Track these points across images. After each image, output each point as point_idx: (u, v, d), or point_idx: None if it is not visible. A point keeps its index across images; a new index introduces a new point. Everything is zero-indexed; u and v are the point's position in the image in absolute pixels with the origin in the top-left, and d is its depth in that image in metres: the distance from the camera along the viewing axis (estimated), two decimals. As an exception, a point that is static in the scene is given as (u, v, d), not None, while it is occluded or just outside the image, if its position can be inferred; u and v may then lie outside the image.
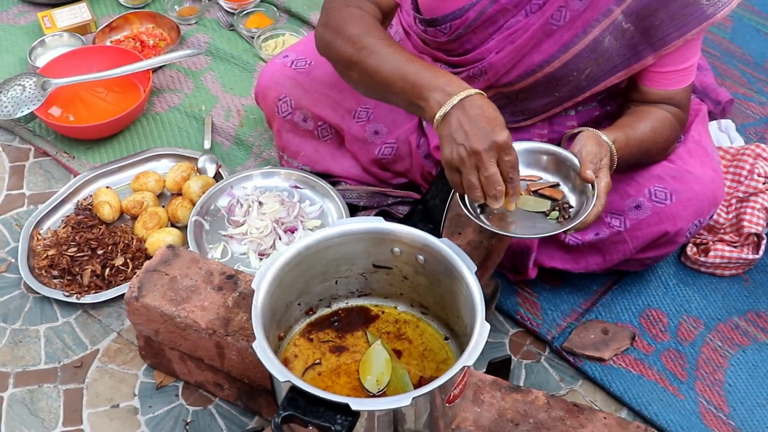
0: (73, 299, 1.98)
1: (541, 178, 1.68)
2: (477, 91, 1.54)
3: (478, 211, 1.63)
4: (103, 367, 1.91)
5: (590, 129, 1.68)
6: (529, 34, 1.73)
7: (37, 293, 2.01)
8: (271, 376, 1.43)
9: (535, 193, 1.66)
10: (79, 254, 2.04)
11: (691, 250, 2.11)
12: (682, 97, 1.81)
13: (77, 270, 2.02)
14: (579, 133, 1.70)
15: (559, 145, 1.74)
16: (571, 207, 1.62)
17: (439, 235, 1.56)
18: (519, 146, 1.68)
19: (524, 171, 1.67)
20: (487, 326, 1.40)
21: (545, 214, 1.63)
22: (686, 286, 2.09)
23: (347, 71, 1.70)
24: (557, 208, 1.62)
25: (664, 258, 2.03)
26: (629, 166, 1.80)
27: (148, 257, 2.03)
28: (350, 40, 1.66)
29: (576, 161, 1.63)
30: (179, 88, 2.53)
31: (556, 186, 1.67)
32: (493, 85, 1.82)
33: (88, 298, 1.99)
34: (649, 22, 1.69)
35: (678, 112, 1.81)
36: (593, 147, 1.63)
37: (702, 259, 2.09)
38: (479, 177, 1.51)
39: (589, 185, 1.61)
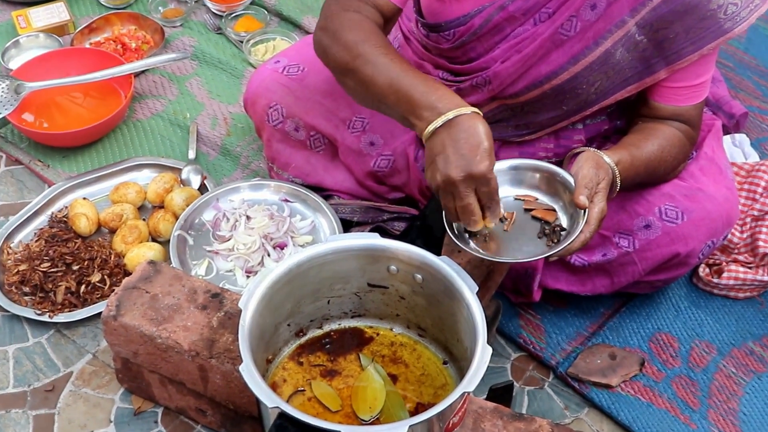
0: (45, 318, 1.97)
1: (537, 199, 1.69)
2: (472, 110, 1.54)
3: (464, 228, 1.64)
4: (76, 392, 1.90)
5: (592, 150, 1.69)
6: (537, 43, 1.74)
7: (7, 311, 2.00)
8: (258, 402, 1.43)
9: (528, 212, 1.68)
10: (52, 270, 2.03)
11: (703, 271, 2.12)
12: (693, 114, 1.81)
13: (50, 287, 2.01)
14: (581, 152, 1.71)
15: (561, 163, 1.75)
16: (563, 230, 1.63)
17: (438, 253, 1.57)
18: (516, 163, 1.71)
19: (520, 191, 1.70)
20: (489, 350, 1.41)
21: (537, 237, 1.64)
22: (698, 308, 2.09)
23: (343, 78, 1.72)
24: (547, 232, 1.63)
25: (675, 280, 2.04)
26: (635, 185, 1.81)
27: (127, 274, 2.02)
28: (346, 47, 1.67)
29: (573, 183, 1.64)
30: (163, 94, 2.53)
31: (551, 209, 1.68)
32: (497, 96, 1.83)
33: (62, 317, 1.98)
34: (664, 34, 1.70)
35: (688, 130, 1.82)
36: (590, 170, 1.63)
37: (715, 280, 2.09)
38: (455, 205, 1.54)
39: (582, 210, 1.61)
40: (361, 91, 1.68)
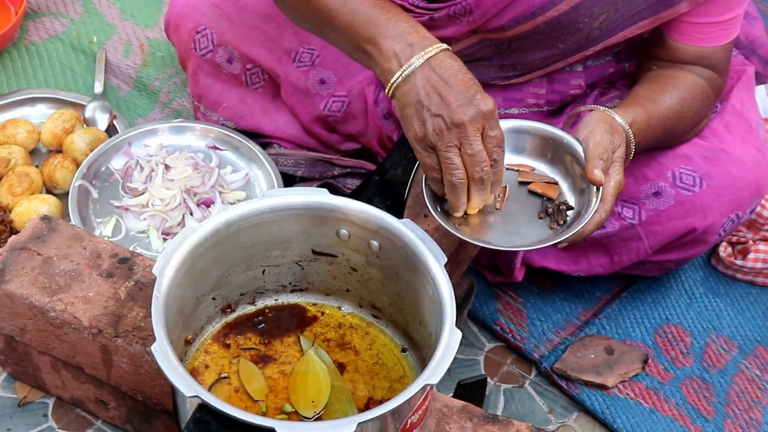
0: None
1: (534, 170, 1.72)
2: (444, 46, 1.57)
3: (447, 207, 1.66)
4: (-53, 377, 1.91)
5: (602, 109, 1.70)
6: (530, -35, 1.74)
7: None
8: (173, 391, 1.45)
9: (524, 186, 1.70)
10: None
11: (725, 250, 2.16)
12: (720, 57, 1.84)
13: None
14: (586, 113, 1.72)
15: (539, 122, 1.76)
16: (570, 209, 1.66)
17: (400, 216, 1.59)
18: (506, 124, 1.70)
19: (512, 159, 1.71)
20: (458, 335, 1.43)
21: (538, 217, 1.66)
22: (717, 296, 2.14)
23: None
24: (550, 212, 1.66)
25: (690, 261, 2.09)
26: (649, 149, 1.84)
27: (14, 232, 2.02)
28: None
29: (581, 151, 1.66)
30: (63, 11, 2.53)
31: (553, 182, 1.70)
32: (479, 28, 1.83)
33: (-68, 284, 1.99)
34: None
35: (713, 77, 1.85)
36: (603, 136, 1.65)
37: (739, 262, 2.14)
38: (461, 155, 1.55)
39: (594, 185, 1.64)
40: (301, 8, 1.68)
